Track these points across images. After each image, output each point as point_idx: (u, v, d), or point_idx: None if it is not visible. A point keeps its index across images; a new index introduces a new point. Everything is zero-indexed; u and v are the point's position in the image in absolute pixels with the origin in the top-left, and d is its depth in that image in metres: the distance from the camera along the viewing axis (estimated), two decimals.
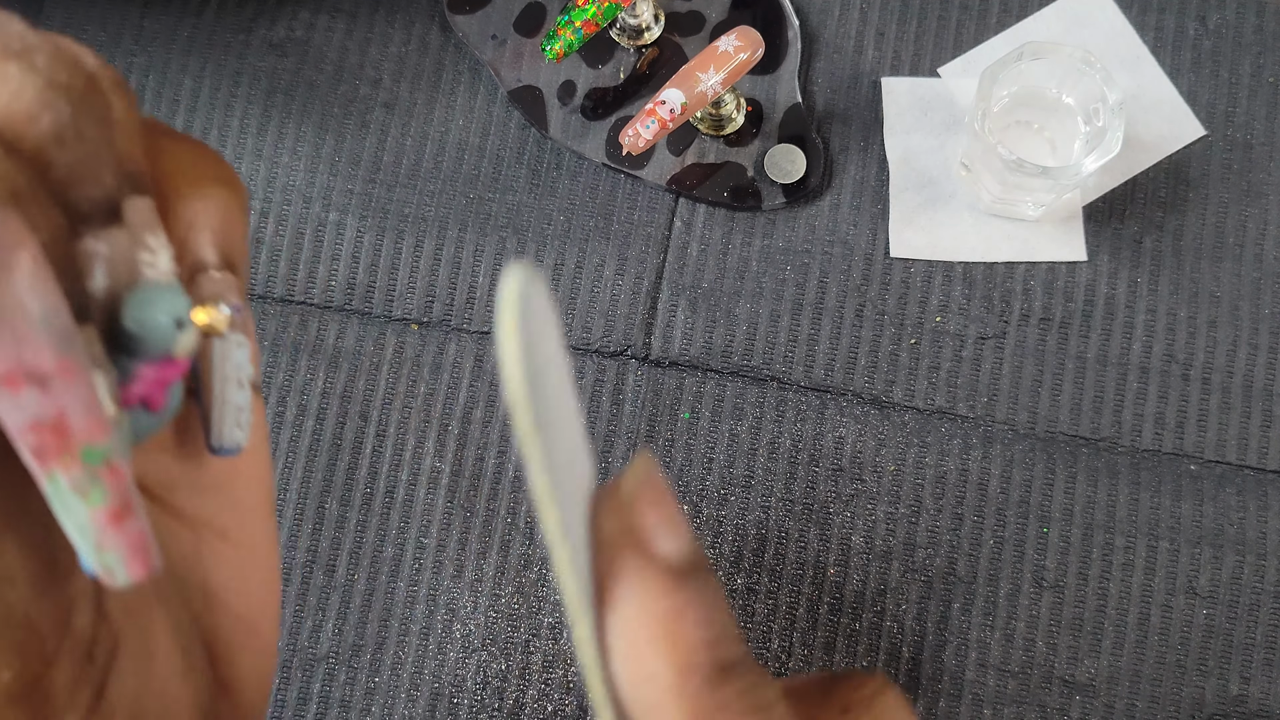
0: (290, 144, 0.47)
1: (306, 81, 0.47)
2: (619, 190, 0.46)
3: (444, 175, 0.46)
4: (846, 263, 0.45)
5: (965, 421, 0.44)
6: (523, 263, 0.16)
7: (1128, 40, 0.46)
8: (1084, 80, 0.42)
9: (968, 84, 0.46)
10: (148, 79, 0.47)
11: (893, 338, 0.44)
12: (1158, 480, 0.43)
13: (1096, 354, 0.44)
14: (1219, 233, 0.45)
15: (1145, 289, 0.44)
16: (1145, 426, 0.43)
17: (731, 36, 0.43)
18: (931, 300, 0.45)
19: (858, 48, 0.47)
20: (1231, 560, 0.42)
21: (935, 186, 0.45)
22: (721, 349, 0.45)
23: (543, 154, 0.46)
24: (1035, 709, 0.41)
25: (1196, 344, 0.44)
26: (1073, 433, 0.43)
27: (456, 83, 0.47)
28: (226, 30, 0.48)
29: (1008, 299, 0.45)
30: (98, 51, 0.47)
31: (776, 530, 0.43)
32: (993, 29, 0.47)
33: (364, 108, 0.47)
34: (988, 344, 0.44)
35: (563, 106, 0.46)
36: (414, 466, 0.44)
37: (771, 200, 0.45)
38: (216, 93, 0.47)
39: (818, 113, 0.47)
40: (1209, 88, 0.46)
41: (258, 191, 0.46)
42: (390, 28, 0.48)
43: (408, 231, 0.46)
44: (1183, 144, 0.45)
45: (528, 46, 0.47)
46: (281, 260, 0.46)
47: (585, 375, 0.44)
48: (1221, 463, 0.43)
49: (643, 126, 0.43)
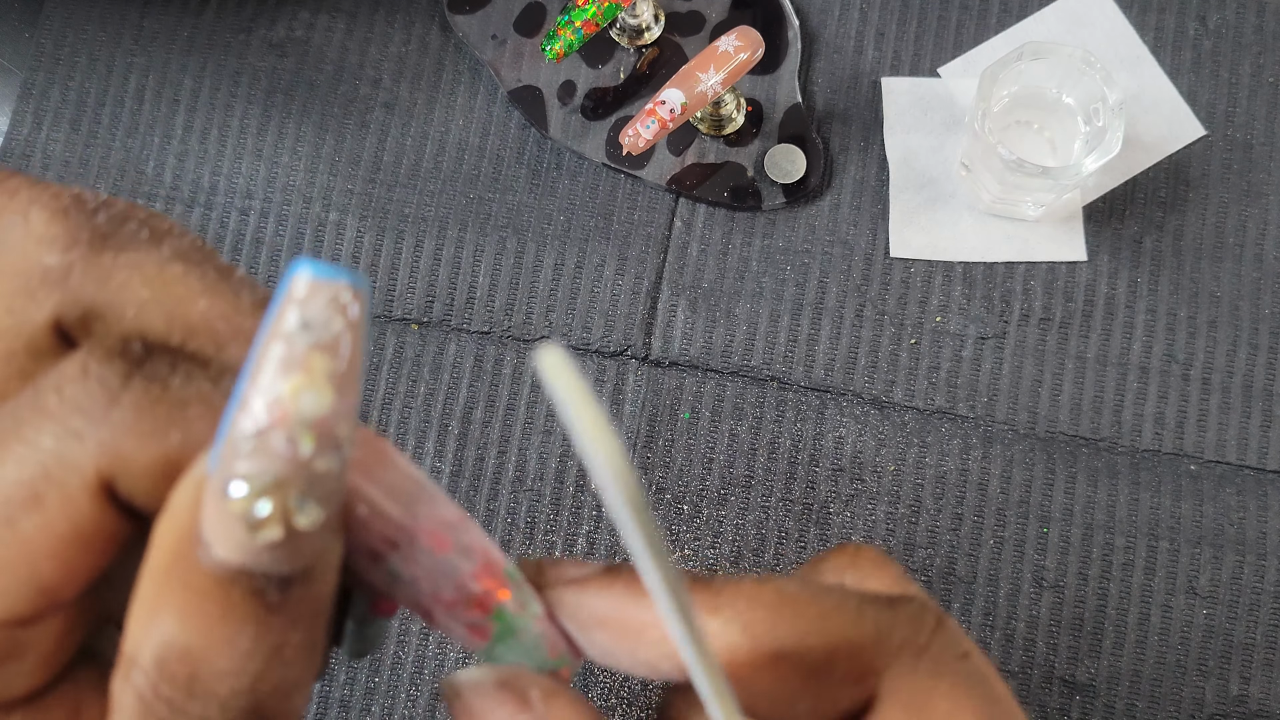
0: (290, 144, 0.47)
1: (306, 81, 0.47)
2: (619, 190, 0.46)
3: (444, 175, 0.46)
4: (846, 263, 0.45)
5: (965, 421, 0.44)
6: (550, 347, 0.15)
7: (1128, 40, 0.46)
8: (1084, 80, 0.42)
9: (968, 84, 0.46)
10: (148, 79, 0.47)
11: (893, 338, 0.44)
12: (1158, 480, 0.43)
13: (1096, 354, 0.44)
14: (1219, 233, 0.45)
15: (1145, 289, 0.44)
16: (1145, 426, 0.43)
17: (731, 36, 0.43)
18: (931, 300, 0.45)
19: (858, 48, 0.47)
20: (1231, 560, 0.42)
21: (935, 186, 0.45)
22: (721, 349, 0.44)
23: (543, 154, 0.46)
24: (1035, 709, 0.41)
25: (1196, 344, 0.44)
26: (1073, 433, 0.43)
27: (456, 83, 0.47)
28: (226, 30, 0.48)
29: (1008, 299, 0.44)
30: (97, 51, 0.47)
31: (776, 530, 0.43)
32: (993, 29, 0.47)
33: (364, 108, 0.47)
34: (988, 344, 0.44)
35: (563, 106, 0.46)
36: None
37: (771, 200, 0.45)
38: (216, 93, 0.47)
39: (818, 113, 0.46)
40: (1209, 88, 0.46)
41: (258, 191, 0.46)
42: (390, 28, 0.48)
43: (408, 231, 0.46)
44: (1183, 144, 0.45)
45: (528, 46, 0.47)
46: (281, 260, 0.46)
47: (586, 374, 0.44)
48: (1221, 463, 0.43)
49: (643, 126, 0.43)
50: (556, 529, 0.43)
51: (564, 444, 0.44)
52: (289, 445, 0.16)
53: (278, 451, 0.16)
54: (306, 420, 0.16)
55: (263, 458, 0.16)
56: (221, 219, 0.46)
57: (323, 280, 0.16)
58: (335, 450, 0.17)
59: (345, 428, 0.17)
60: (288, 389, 0.16)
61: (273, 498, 0.16)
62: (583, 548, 0.43)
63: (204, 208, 0.46)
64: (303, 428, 0.16)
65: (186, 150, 0.47)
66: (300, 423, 0.16)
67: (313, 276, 0.16)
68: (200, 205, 0.46)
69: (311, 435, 0.16)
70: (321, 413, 0.16)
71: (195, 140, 0.47)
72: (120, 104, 0.47)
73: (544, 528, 0.43)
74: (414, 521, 0.19)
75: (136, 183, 0.46)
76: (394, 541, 0.19)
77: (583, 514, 0.43)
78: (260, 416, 0.16)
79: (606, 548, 0.43)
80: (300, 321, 0.16)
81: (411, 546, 0.19)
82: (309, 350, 0.16)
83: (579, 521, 0.43)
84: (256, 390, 0.16)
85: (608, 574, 0.21)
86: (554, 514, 0.43)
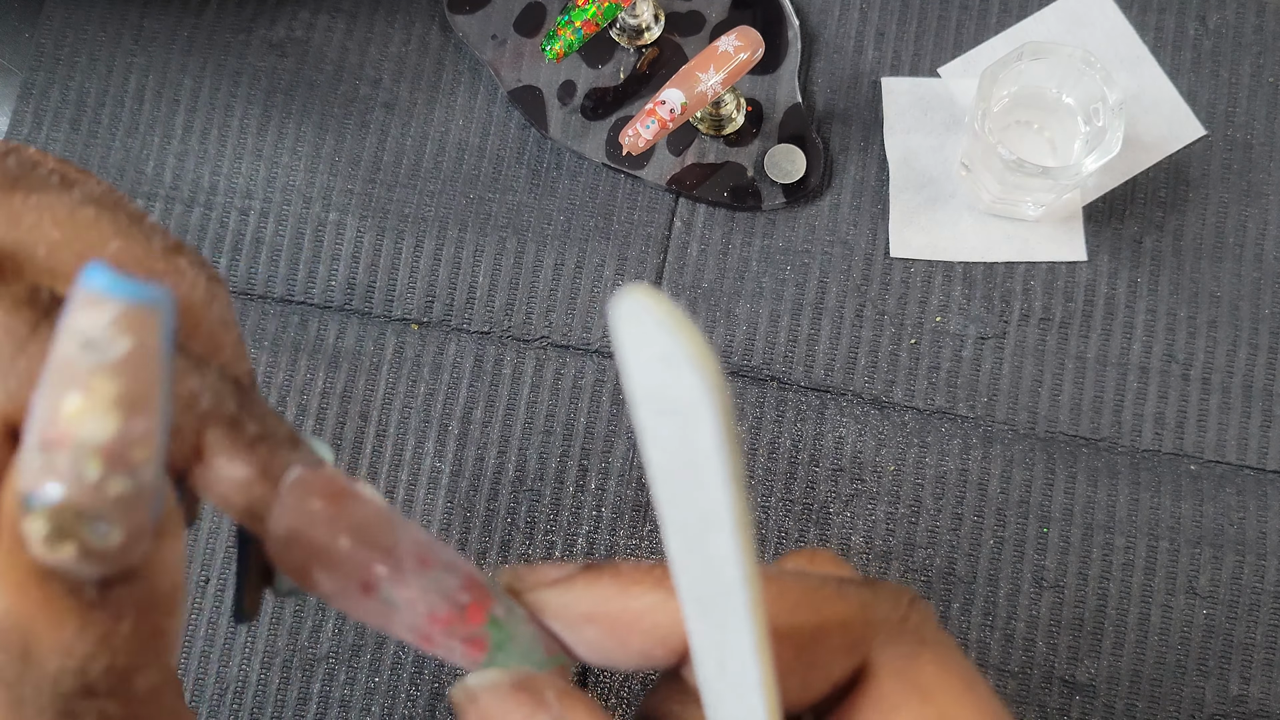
0: (290, 144, 0.47)
1: (306, 81, 0.47)
2: (619, 190, 0.46)
3: (444, 175, 0.46)
4: (846, 263, 0.45)
5: (965, 422, 0.44)
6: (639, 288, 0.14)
7: (1128, 40, 0.46)
8: (1084, 80, 0.42)
9: (968, 84, 0.46)
10: (148, 79, 0.47)
11: (892, 338, 0.44)
12: (1158, 480, 0.43)
13: (1096, 354, 0.44)
14: (1219, 233, 0.45)
15: (1145, 289, 0.44)
16: (1145, 426, 0.43)
17: (731, 36, 0.43)
18: (931, 300, 0.45)
19: (858, 48, 0.47)
20: (1231, 560, 0.42)
21: (935, 186, 0.45)
22: (721, 349, 0.44)
23: (543, 154, 0.46)
24: (1035, 709, 0.41)
25: (1196, 344, 0.44)
26: (1073, 433, 0.43)
27: (456, 83, 0.47)
28: (226, 30, 0.48)
29: (1008, 299, 0.44)
30: (97, 51, 0.47)
31: (776, 530, 0.43)
32: (993, 29, 0.47)
33: (364, 108, 0.47)
34: (988, 344, 0.44)
35: (563, 106, 0.46)
36: (414, 466, 0.44)
37: (771, 200, 0.45)
38: (216, 93, 0.47)
39: (818, 113, 0.46)
40: (1209, 88, 0.46)
41: (258, 191, 0.46)
42: (390, 28, 0.48)
43: (408, 231, 0.46)
44: (1183, 144, 0.45)
45: (528, 46, 0.47)
46: (281, 260, 0.46)
47: (585, 375, 0.44)
48: (1221, 463, 0.43)
49: (643, 126, 0.43)
50: (556, 529, 0.43)
51: (564, 444, 0.44)
52: (72, 469, 0.16)
53: (63, 473, 0.16)
54: (89, 445, 0.15)
55: (49, 477, 0.16)
56: (221, 219, 0.46)
57: (108, 296, 0.15)
58: (131, 472, 0.16)
59: (142, 450, 0.16)
60: (68, 412, 0.15)
61: (60, 520, 0.16)
62: (582, 548, 0.43)
63: (204, 208, 0.46)
64: (86, 453, 0.16)
65: (186, 150, 0.47)
66: (82, 448, 0.15)
67: (98, 291, 0.15)
68: (200, 205, 0.46)
69: (98, 460, 0.16)
70: (105, 438, 0.15)
71: (195, 140, 0.47)
72: (120, 104, 0.47)
73: (544, 528, 0.43)
74: (396, 545, 0.20)
75: (136, 182, 0.46)
76: (382, 567, 0.20)
77: (583, 514, 0.43)
78: (45, 434, 0.16)
79: (606, 548, 0.43)
80: (82, 340, 0.15)
81: (400, 570, 0.20)
82: (91, 371, 0.15)
83: (579, 522, 0.43)
84: (40, 408, 0.16)
85: (590, 570, 0.21)
86: (554, 514, 0.43)
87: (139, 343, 0.15)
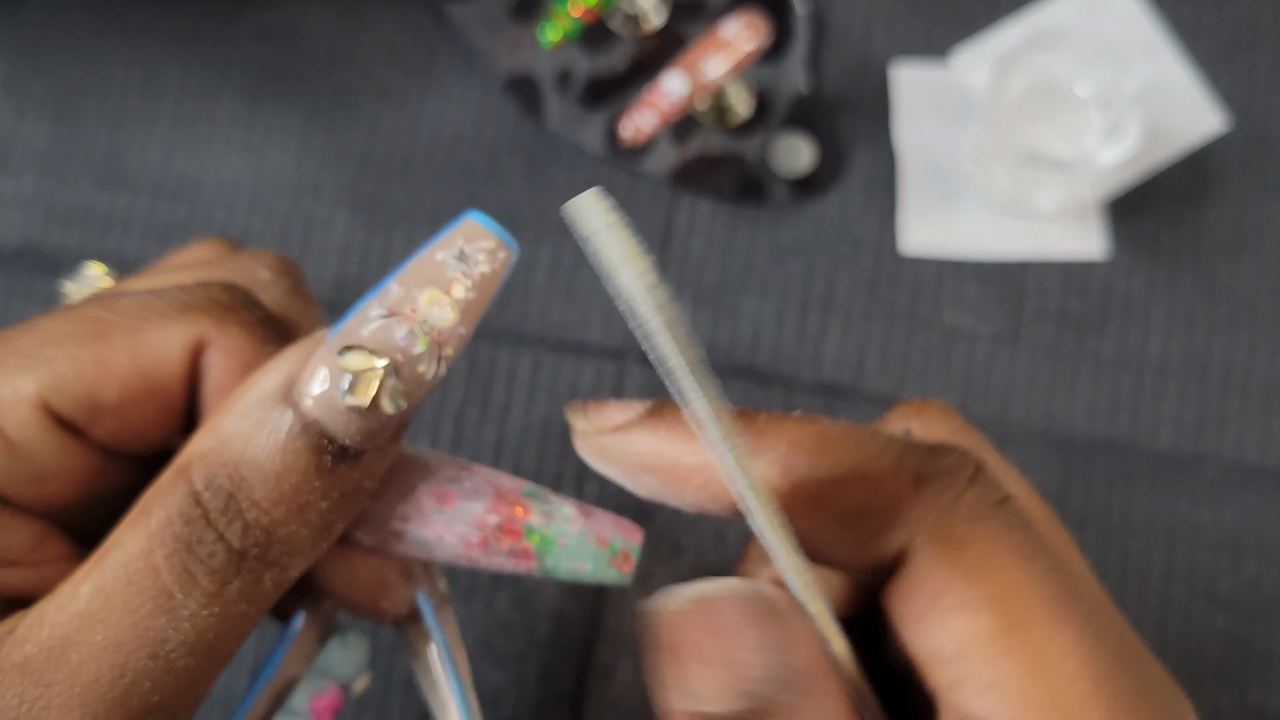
0: (279, 137, 0.46)
1: (295, 72, 0.47)
2: (618, 183, 0.45)
3: (437, 168, 0.46)
4: (855, 259, 0.44)
5: (977, 423, 0.43)
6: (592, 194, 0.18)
7: (1145, 29, 0.46)
8: (1099, 71, 0.42)
9: (979, 74, 0.46)
10: (132, 70, 0.47)
11: (903, 337, 0.44)
12: (1176, 484, 0.42)
13: (1113, 354, 0.43)
14: (1239, 228, 0.44)
15: (1163, 287, 0.44)
16: (1163, 428, 0.43)
17: (736, 23, 0.42)
18: (943, 298, 0.44)
19: (866, 36, 0.46)
20: (1252, 566, 0.42)
21: (947, 180, 0.45)
22: (726, 348, 0.44)
23: (539, 146, 0.46)
24: None
25: (1215, 344, 0.44)
26: (1088, 435, 0.43)
27: (450, 73, 0.47)
28: (213, 20, 0.47)
29: (1022, 297, 0.44)
30: (80, 42, 0.46)
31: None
32: (1004, 9, 0.47)
33: (354, 99, 0.46)
34: (1001, 343, 0.44)
35: (560, 97, 0.46)
36: None
37: (777, 194, 0.45)
38: (204, 85, 0.47)
39: (825, 103, 0.46)
40: (1227, 79, 0.46)
41: (245, 185, 0.46)
42: (381, 16, 0.47)
43: (399, 226, 0.45)
44: (1201, 137, 0.45)
45: (523, 34, 0.46)
46: None
47: (584, 375, 0.44)
48: (1241, 466, 0.43)
49: (642, 117, 0.42)
50: None
51: (561, 446, 0.43)
52: (407, 338, 0.20)
53: (396, 336, 0.20)
54: (428, 325, 0.20)
55: (382, 336, 0.20)
56: (208, 213, 0.46)
57: (490, 230, 0.21)
58: (435, 362, 0.20)
59: (451, 350, 0.20)
60: (425, 297, 0.20)
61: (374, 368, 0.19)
62: None
63: (190, 202, 0.46)
64: (423, 330, 0.20)
65: (172, 143, 0.46)
66: (423, 325, 0.20)
67: (484, 224, 0.21)
68: (186, 199, 0.46)
69: (426, 339, 0.20)
70: (443, 325, 0.20)
71: (181, 133, 0.46)
72: (104, 96, 0.47)
73: None
74: (413, 491, 0.22)
75: (121, 177, 0.46)
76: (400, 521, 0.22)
77: None
78: (395, 305, 0.20)
79: None
80: (459, 253, 0.20)
81: (420, 513, 0.22)
82: (456, 276, 0.20)
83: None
84: (401, 286, 0.20)
85: (651, 416, 0.22)
86: None
87: (493, 271, 0.21)
